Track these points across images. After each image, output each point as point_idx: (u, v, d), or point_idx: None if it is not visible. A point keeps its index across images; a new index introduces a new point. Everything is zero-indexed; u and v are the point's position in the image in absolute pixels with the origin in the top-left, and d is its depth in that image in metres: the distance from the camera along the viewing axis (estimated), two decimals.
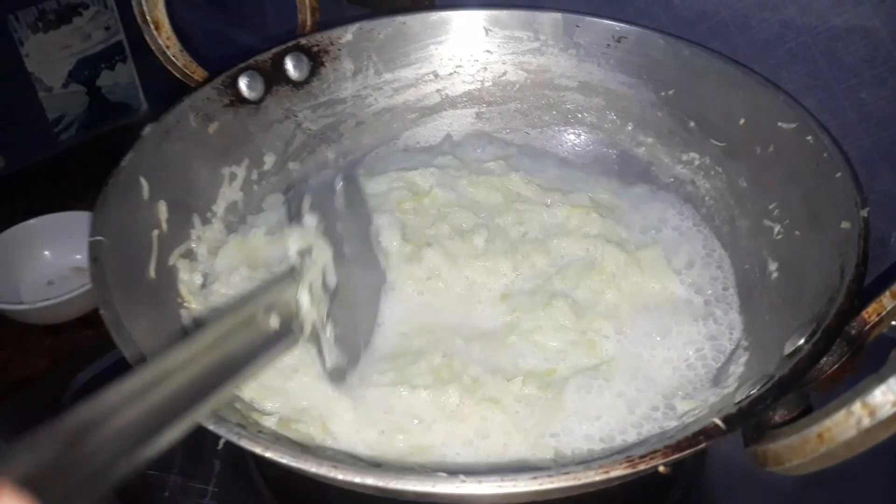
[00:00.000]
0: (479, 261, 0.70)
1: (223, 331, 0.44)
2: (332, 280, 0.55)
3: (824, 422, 0.35)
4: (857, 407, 0.34)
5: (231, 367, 0.42)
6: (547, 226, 0.74)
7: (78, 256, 0.98)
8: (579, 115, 0.84)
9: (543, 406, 0.59)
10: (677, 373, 0.61)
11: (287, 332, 0.50)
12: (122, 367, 0.74)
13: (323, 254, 0.56)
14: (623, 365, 0.62)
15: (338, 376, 0.57)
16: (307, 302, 0.52)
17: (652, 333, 0.64)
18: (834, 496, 0.64)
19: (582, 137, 0.85)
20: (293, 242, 0.55)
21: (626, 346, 0.64)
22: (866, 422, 0.33)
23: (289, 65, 0.78)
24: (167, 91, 0.71)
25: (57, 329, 0.91)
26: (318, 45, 0.80)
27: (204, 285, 0.68)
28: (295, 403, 0.59)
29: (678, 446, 0.41)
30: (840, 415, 0.34)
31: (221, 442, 0.68)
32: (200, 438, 0.68)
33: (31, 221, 0.98)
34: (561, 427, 0.58)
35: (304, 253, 0.55)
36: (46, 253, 0.99)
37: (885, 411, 0.33)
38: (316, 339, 0.53)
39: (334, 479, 0.41)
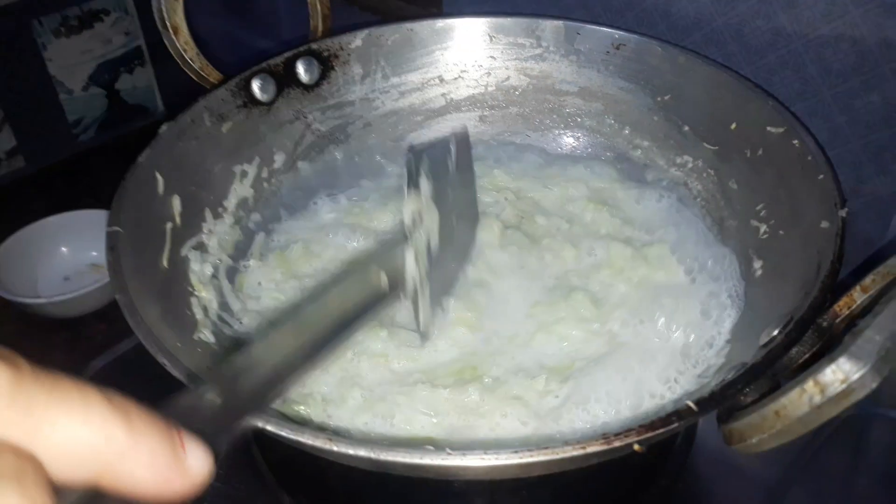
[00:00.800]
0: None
1: (345, 287, 0.49)
2: (434, 244, 0.59)
3: (781, 399, 0.38)
4: (809, 385, 0.36)
5: (348, 321, 0.46)
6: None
7: (94, 253, 1.00)
8: (579, 119, 0.87)
9: (559, 396, 0.61)
10: (669, 362, 0.64)
11: (393, 291, 0.53)
12: (132, 356, 0.79)
13: (431, 218, 0.59)
14: (635, 352, 0.64)
15: (426, 336, 0.62)
16: (412, 263, 0.55)
17: (659, 321, 0.67)
18: (815, 487, 0.66)
19: (581, 140, 0.87)
20: (408, 206, 0.58)
21: (638, 334, 0.66)
22: (817, 398, 0.36)
23: (300, 68, 0.82)
24: (183, 95, 0.74)
25: (73, 323, 0.93)
26: (328, 50, 0.83)
27: (214, 276, 0.71)
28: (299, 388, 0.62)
29: (651, 426, 0.43)
30: (795, 392, 0.37)
31: None
32: None
33: (50, 219, 1.00)
34: (573, 413, 0.60)
35: (416, 216, 0.58)
36: (64, 249, 1.01)
37: (833, 388, 0.35)
38: (415, 298, 0.57)
39: (329, 452, 0.44)
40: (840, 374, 0.35)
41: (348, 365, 0.65)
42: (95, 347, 0.81)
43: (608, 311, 0.68)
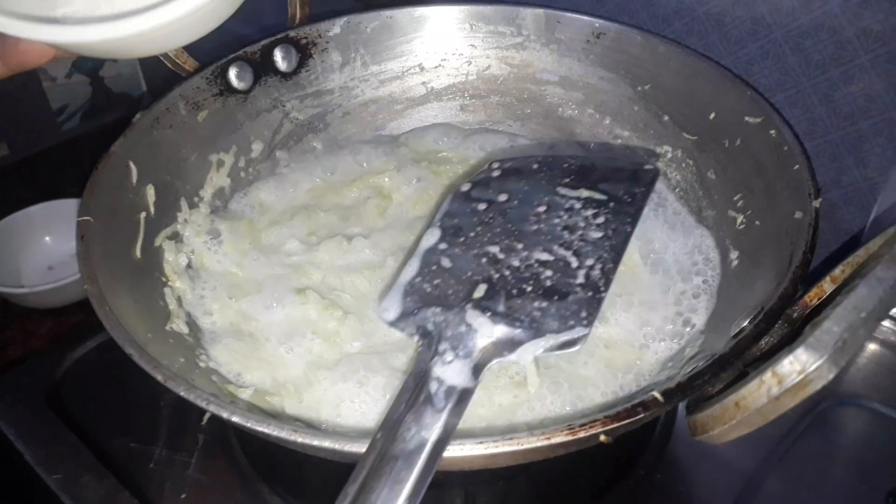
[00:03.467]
0: None
1: None
2: None
3: (740, 391, 0.38)
4: (768, 376, 0.36)
5: None
6: None
7: None
8: (559, 109, 0.87)
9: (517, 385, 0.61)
10: (643, 355, 0.64)
11: None
12: (108, 347, 0.79)
13: None
14: (592, 348, 0.64)
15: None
16: None
17: (621, 318, 0.67)
18: (792, 476, 0.67)
19: (562, 130, 0.87)
20: None
21: (597, 331, 0.66)
22: (775, 390, 0.36)
23: (277, 56, 0.81)
24: (169, 83, 0.74)
25: (56, 312, 0.93)
26: (306, 38, 0.82)
27: (189, 266, 0.71)
28: (276, 376, 0.63)
29: (617, 416, 0.43)
30: (754, 383, 0.37)
31: (206, 417, 0.72)
32: (185, 413, 0.72)
33: (33, 208, 0.99)
34: (538, 404, 0.60)
35: None
36: (47, 239, 1.00)
37: (791, 380, 0.35)
38: None
39: (294, 443, 0.44)
40: (797, 366, 0.35)
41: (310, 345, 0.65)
42: (77, 337, 0.81)
43: None
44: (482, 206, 0.60)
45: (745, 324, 0.50)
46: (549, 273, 0.54)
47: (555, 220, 0.58)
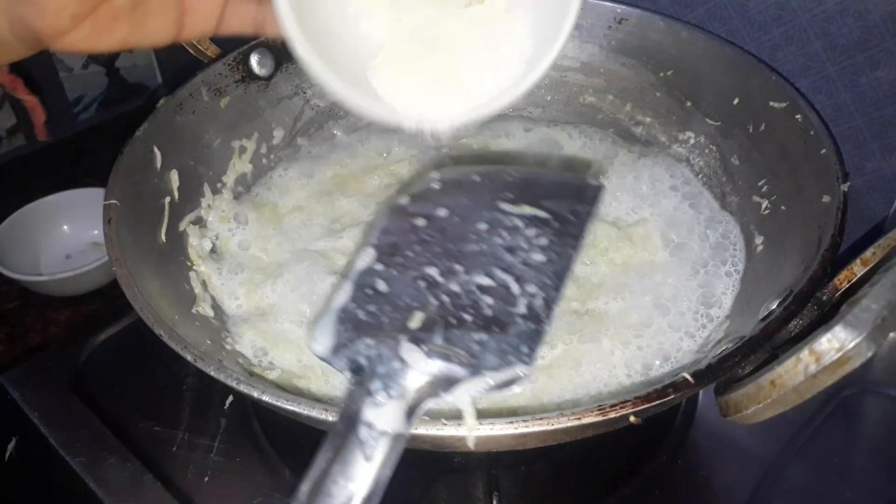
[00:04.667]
0: None
1: None
2: None
3: (777, 369, 0.38)
4: (805, 354, 0.36)
5: None
6: None
7: (95, 232, 1.00)
8: (581, 95, 0.86)
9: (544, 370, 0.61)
10: (668, 338, 0.63)
11: None
12: (131, 331, 0.79)
13: None
14: (618, 330, 0.64)
15: None
16: None
17: (646, 302, 0.66)
18: (813, 464, 0.66)
19: (583, 116, 0.87)
20: None
21: (621, 313, 0.66)
22: (813, 367, 0.36)
23: None
24: (184, 73, 0.74)
25: (74, 301, 0.94)
26: None
27: (213, 251, 0.71)
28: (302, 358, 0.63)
29: (647, 397, 0.43)
30: (790, 361, 0.37)
31: (228, 401, 0.72)
32: (208, 397, 0.73)
33: (51, 197, 1.00)
34: (560, 385, 0.60)
35: None
36: (65, 228, 1.01)
37: (829, 357, 0.35)
38: None
39: (325, 423, 0.44)
40: (836, 343, 0.35)
41: None
42: (95, 325, 0.82)
43: (589, 290, 0.68)
44: (421, 223, 0.56)
45: (774, 307, 0.50)
46: (489, 301, 0.50)
47: (496, 239, 0.54)
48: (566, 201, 0.56)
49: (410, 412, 0.44)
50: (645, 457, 0.67)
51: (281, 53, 0.79)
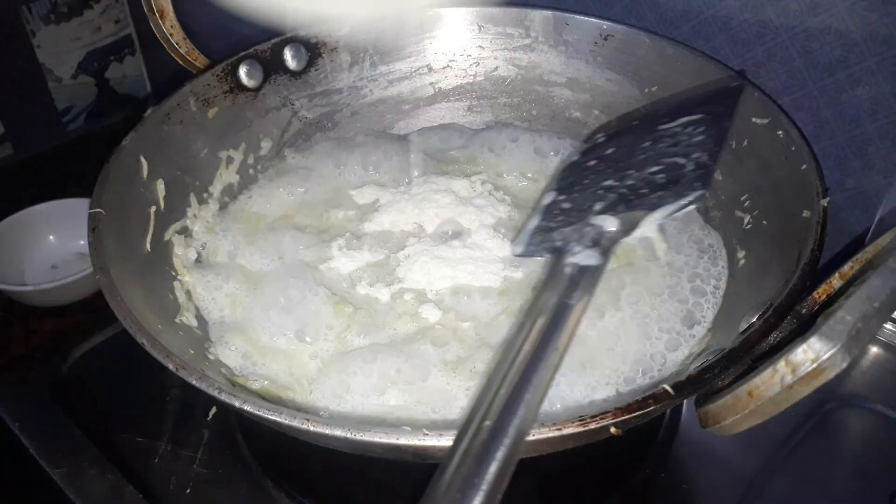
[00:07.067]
0: None
1: None
2: None
3: (754, 380, 0.38)
4: (781, 365, 0.36)
5: None
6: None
7: (81, 242, 0.99)
8: (567, 110, 0.87)
9: None
10: (650, 351, 0.63)
11: None
12: (115, 342, 0.79)
13: None
14: (600, 346, 0.64)
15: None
16: None
17: (628, 317, 0.67)
18: (794, 478, 0.67)
19: (569, 131, 0.87)
20: None
21: (606, 329, 0.66)
22: (789, 378, 0.36)
23: (287, 55, 0.81)
24: (174, 84, 0.74)
25: (59, 312, 0.93)
26: (316, 37, 0.83)
27: (198, 260, 0.71)
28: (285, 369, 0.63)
29: (628, 408, 0.43)
30: (767, 372, 0.37)
31: (211, 412, 0.72)
32: (191, 408, 0.72)
33: (38, 207, 0.99)
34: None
35: None
36: (51, 238, 1.00)
37: (805, 368, 0.36)
38: None
39: (306, 432, 0.44)
40: (811, 354, 0.36)
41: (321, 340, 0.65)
42: (80, 335, 0.81)
43: None
44: (593, 163, 0.66)
45: (754, 319, 0.50)
46: (661, 176, 0.60)
47: (660, 145, 0.63)
48: (714, 103, 0.66)
49: (606, 251, 0.54)
50: (629, 470, 0.67)
51: (269, 65, 0.80)
